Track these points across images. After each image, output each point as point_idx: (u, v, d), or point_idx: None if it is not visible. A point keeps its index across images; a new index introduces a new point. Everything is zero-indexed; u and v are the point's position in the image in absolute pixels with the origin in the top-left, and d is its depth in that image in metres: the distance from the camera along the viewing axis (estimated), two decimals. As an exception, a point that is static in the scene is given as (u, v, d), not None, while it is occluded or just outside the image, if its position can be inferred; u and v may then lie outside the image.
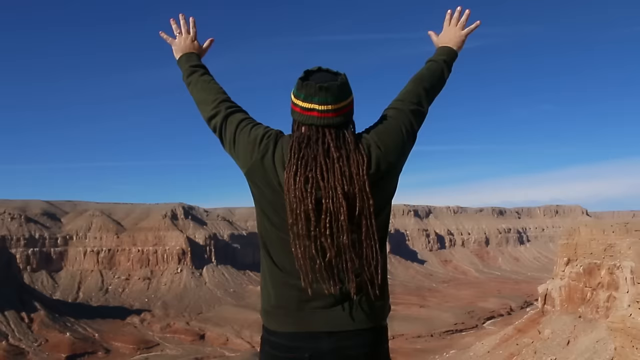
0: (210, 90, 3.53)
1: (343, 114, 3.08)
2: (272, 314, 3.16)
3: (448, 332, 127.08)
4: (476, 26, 3.89)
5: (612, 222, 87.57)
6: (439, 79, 3.61)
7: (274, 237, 3.12)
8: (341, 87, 3.05)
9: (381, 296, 3.11)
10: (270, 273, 3.16)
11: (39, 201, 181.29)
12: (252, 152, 3.14)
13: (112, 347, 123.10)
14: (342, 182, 2.95)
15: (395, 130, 3.22)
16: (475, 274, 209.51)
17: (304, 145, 3.03)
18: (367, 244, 2.99)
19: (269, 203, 3.11)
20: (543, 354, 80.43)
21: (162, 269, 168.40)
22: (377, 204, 3.02)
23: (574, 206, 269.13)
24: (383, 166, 3.09)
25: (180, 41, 3.88)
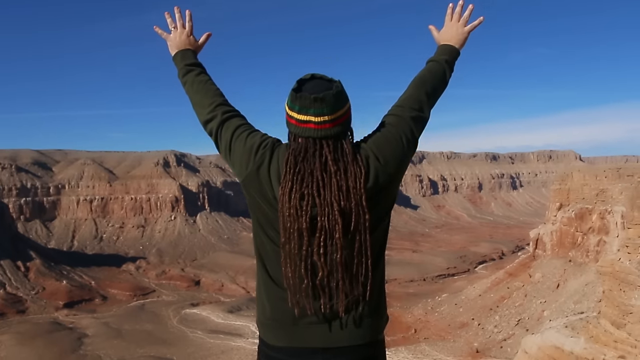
0: (207, 92, 3.44)
1: (340, 124, 2.98)
2: (268, 326, 3.14)
3: (440, 277, 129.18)
4: (479, 22, 3.67)
5: (605, 168, 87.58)
6: (441, 81, 3.46)
7: (270, 250, 3.08)
8: (337, 96, 2.93)
9: (375, 311, 3.09)
10: (266, 286, 3.14)
11: (29, 150, 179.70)
12: (248, 163, 3.08)
13: (108, 294, 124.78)
14: (338, 198, 2.88)
15: (395, 140, 3.11)
16: (468, 219, 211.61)
17: (300, 158, 2.94)
18: (358, 260, 2.93)
19: (264, 215, 3.06)
20: (533, 297, 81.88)
21: (156, 217, 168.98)
22: (374, 217, 2.96)
23: (568, 151, 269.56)
24: (382, 179, 3.01)
25: (175, 36, 3.73)
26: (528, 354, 41.90)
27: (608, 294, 38.84)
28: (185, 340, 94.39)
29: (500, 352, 73.23)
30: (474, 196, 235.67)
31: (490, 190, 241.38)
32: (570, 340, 38.42)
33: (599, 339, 36.39)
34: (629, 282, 36.47)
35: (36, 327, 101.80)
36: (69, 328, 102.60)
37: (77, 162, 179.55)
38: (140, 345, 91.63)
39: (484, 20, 3.65)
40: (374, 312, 3.07)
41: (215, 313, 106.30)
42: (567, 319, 44.72)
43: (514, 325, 78.73)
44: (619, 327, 35.32)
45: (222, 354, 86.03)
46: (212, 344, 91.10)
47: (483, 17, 3.66)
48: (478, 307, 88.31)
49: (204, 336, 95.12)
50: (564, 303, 73.47)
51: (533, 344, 42.19)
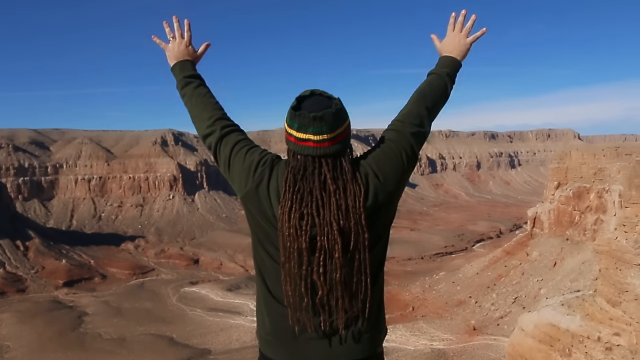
0: (206, 106, 3.42)
1: (339, 142, 2.97)
2: (268, 341, 3.17)
3: (438, 255, 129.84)
4: (482, 33, 3.63)
5: (603, 146, 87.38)
6: (442, 94, 3.44)
7: (270, 267, 3.10)
8: (336, 114, 2.92)
9: (374, 326, 3.12)
10: (266, 302, 3.15)
11: (26, 130, 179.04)
12: (247, 180, 3.08)
13: (108, 273, 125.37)
14: (337, 217, 2.88)
15: (395, 157, 3.12)
16: (466, 198, 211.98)
17: (299, 177, 2.94)
18: (357, 278, 2.96)
19: (263, 232, 3.07)
20: (530, 275, 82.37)
21: (154, 196, 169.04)
22: (373, 234, 2.99)
23: (566, 130, 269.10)
24: (381, 197, 3.02)
25: (173, 46, 3.68)
26: (524, 331, 42.23)
27: (604, 272, 39.03)
28: (184, 318, 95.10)
29: (497, 329, 73.89)
30: (472, 175, 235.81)
31: (489, 169, 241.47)
32: (566, 318, 38.70)
33: (595, 317, 36.66)
34: (625, 261, 36.62)
35: (36, 305, 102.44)
36: (68, 306, 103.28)
37: (74, 142, 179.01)
38: (140, 323, 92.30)
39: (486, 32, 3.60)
40: (373, 327, 3.11)
41: (214, 291, 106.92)
42: (563, 297, 44.98)
43: (510, 303, 79.32)
44: (614, 305, 35.57)
45: (221, 332, 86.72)
46: (211, 321, 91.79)
47: (486, 28, 3.62)
48: (475, 285, 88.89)
49: (203, 314, 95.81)
50: (560, 281, 73.94)
51: (529, 321, 42.50)
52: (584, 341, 35.65)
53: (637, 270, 35.44)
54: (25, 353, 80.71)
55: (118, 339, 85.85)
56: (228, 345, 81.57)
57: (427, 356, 70.03)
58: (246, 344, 79.15)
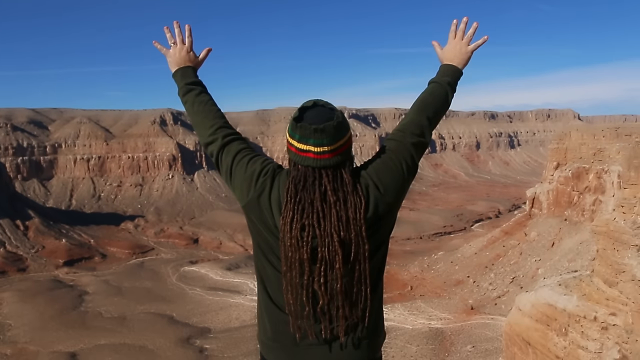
0: (207, 114, 3.46)
1: (340, 154, 2.99)
2: (270, 347, 3.22)
3: (437, 235, 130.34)
4: (483, 41, 3.68)
5: (603, 127, 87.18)
6: (443, 103, 3.49)
7: (271, 274, 3.13)
8: (337, 127, 2.94)
9: (373, 332, 3.18)
10: (267, 308, 3.20)
11: (24, 109, 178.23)
12: (249, 190, 3.11)
13: (108, 252, 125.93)
14: (338, 229, 2.92)
15: (396, 167, 3.15)
16: (465, 178, 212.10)
17: (300, 187, 2.97)
18: (357, 288, 3.01)
19: (265, 241, 3.11)
20: (528, 255, 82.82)
21: (154, 175, 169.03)
22: (373, 244, 3.04)
23: (566, 110, 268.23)
24: (381, 208, 3.05)
25: (175, 52, 3.70)
26: (522, 311, 42.55)
27: (602, 253, 39.20)
28: (184, 297, 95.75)
29: (495, 309, 74.49)
30: (472, 155, 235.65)
31: (488, 149, 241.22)
32: (563, 298, 38.97)
33: (592, 297, 36.91)
34: (623, 242, 36.77)
35: (37, 284, 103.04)
36: (69, 286, 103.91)
37: (73, 121, 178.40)
38: (140, 302, 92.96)
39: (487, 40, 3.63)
40: (372, 333, 3.18)
41: (213, 270, 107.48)
42: (561, 277, 45.26)
43: (508, 282, 79.86)
44: (611, 286, 35.80)
45: (221, 311, 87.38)
46: (211, 300, 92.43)
47: (487, 37, 3.66)
48: (473, 265, 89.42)
49: (202, 293, 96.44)
50: (558, 261, 74.36)
51: (527, 301, 42.79)
52: (580, 321, 35.96)
53: (634, 251, 35.62)
54: (27, 331, 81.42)
55: (118, 317, 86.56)
56: (228, 323, 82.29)
57: (425, 335, 70.67)
58: (245, 322, 79.81)
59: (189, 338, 77.14)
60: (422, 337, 70.27)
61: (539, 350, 37.96)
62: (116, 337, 77.86)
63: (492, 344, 63.98)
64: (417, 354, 66.48)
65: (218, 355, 71.19)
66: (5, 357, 74.25)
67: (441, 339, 69.73)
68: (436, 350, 67.01)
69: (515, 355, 40.75)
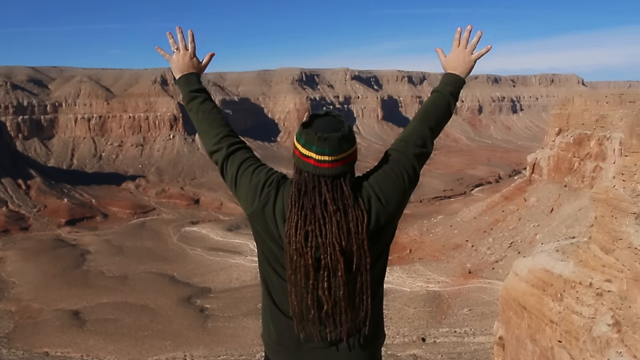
0: (212, 122, 3.51)
1: (340, 165, 3.02)
2: (274, 349, 3.34)
3: (437, 198, 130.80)
4: (487, 50, 3.72)
5: (607, 93, 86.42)
6: (445, 113, 3.54)
7: (276, 281, 3.21)
8: (341, 139, 2.98)
9: (374, 336, 3.28)
10: (272, 313, 3.29)
11: (23, 67, 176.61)
12: (253, 200, 3.16)
13: (109, 212, 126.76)
14: (339, 239, 2.97)
15: (397, 178, 3.21)
16: (466, 142, 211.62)
17: (302, 193, 3.03)
18: (359, 298, 3.10)
19: (270, 250, 3.18)
20: (527, 220, 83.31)
21: (155, 135, 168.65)
22: (375, 253, 3.11)
23: (570, 75, 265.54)
24: (383, 219, 3.11)
25: (178, 58, 3.76)
26: (518, 276, 43.01)
27: (600, 220, 39.38)
28: (185, 257, 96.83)
29: (492, 273, 75.37)
30: (474, 119, 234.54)
31: (490, 114, 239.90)
32: (560, 264, 39.34)
33: (588, 263, 37.26)
34: (621, 210, 36.91)
35: (39, 243, 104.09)
36: (71, 245, 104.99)
37: (73, 80, 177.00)
38: (142, 262, 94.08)
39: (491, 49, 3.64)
40: (373, 336, 3.27)
41: (214, 231, 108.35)
42: (558, 243, 45.59)
43: (506, 247, 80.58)
44: (607, 253, 36.08)
45: (222, 271, 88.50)
46: (212, 261, 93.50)
47: (490, 46, 3.68)
48: (472, 229, 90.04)
49: (203, 253, 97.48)
50: (556, 227, 74.84)
51: (524, 266, 43.21)
52: (575, 287, 36.40)
53: (632, 219, 35.80)
54: (30, 289, 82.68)
55: (120, 276, 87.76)
56: (228, 284, 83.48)
57: (423, 298, 71.72)
58: (246, 283, 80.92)
59: (189, 297, 78.36)
60: (419, 299, 71.33)
61: (534, 315, 38.56)
62: (118, 295, 79.10)
63: (489, 308, 65.00)
64: (414, 316, 67.61)
65: (218, 314, 72.45)
66: (10, 313, 75.60)
67: (438, 301, 70.80)
68: (433, 312, 68.14)
69: (510, 319, 41.42)
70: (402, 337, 63.13)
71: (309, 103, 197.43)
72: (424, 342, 61.55)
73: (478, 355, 55.30)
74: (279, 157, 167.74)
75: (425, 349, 59.44)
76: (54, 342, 66.04)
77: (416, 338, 62.45)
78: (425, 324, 65.58)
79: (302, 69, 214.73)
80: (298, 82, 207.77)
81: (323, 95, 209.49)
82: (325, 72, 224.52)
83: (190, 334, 66.99)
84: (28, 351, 64.65)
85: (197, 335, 66.55)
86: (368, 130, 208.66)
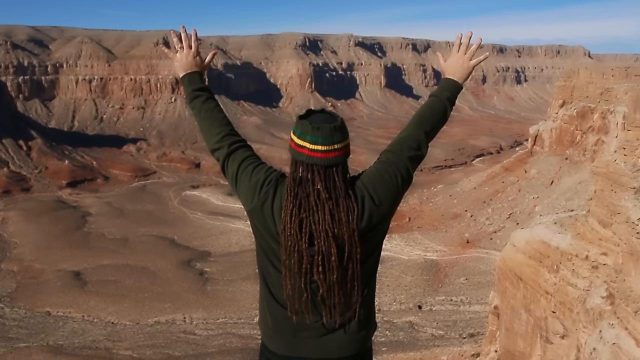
0: (214, 121, 3.66)
1: (333, 156, 3.14)
2: (270, 336, 3.48)
3: (437, 168, 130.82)
4: (485, 57, 3.89)
5: (613, 66, 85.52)
6: (441, 118, 3.67)
7: (273, 274, 3.34)
8: (334, 130, 3.11)
9: (364, 326, 3.42)
10: (269, 303, 3.42)
11: (23, 27, 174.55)
12: (253, 198, 3.28)
13: (110, 175, 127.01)
14: (332, 226, 3.11)
15: (391, 179, 3.32)
16: (469, 112, 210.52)
17: (297, 182, 3.17)
18: (351, 285, 3.22)
19: (267, 245, 3.31)
20: (527, 192, 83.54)
21: (156, 98, 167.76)
22: (366, 250, 3.24)
23: (577, 47, 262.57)
24: (375, 219, 3.23)
25: (181, 57, 3.93)
26: (516, 247, 43.34)
27: (599, 193, 39.48)
28: (185, 221, 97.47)
29: (490, 243, 75.95)
30: (477, 89, 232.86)
31: (494, 84, 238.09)
32: (557, 236, 39.60)
33: (585, 236, 37.51)
34: (621, 184, 36.97)
35: (41, 204, 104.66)
36: (72, 206, 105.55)
37: (74, 40, 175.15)
38: (142, 225, 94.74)
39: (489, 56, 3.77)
40: (363, 327, 3.41)
41: (214, 195, 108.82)
42: (557, 216, 45.81)
43: (505, 218, 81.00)
44: (605, 226, 36.29)
45: (221, 235, 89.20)
46: (212, 225, 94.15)
47: (488, 53, 3.88)
48: (472, 200, 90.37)
49: (203, 217, 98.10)
50: (555, 200, 75.08)
51: (522, 237, 43.49)
52: (572, 259, 36.72)
53: (631, 193, 35.87)
54: (32, 250, 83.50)
55: (121, 239, 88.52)
56: (227, 248, 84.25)
57: (420, 266, 72.45)
58: (245, 247, 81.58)
59: (189, 261, 79.18)
60: (417, 267, 72.07)
61: (530, 286, 39.00)
62: (119, 258, 79.94)
63: (485, 278, 65.72)
64: (411, 283, 68.42)
65: (218, 278, 73.34)
66: (12, 273, 76.55)
67: (435, 270, 71.56)
68: (430, 281, 68.93)
69: (506, 289, 41.91)
70: (398, 304, 64.02)
71: (312, 69, 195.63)
72: (420, 309, 62.46)
73: (473, 324, 56.19)
74: (281, 123, 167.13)
75: (421, 317, 60.36)
76: (56, 302, 67.07)
77: (412, 305, 63.35)
78: (422, 291, 66.43)
79: (305, 34, 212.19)
80: (301, 47, 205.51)
81: (326, 61, 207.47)
82: (328, 38, 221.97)
83: (190, 296, 67.95)
84: (30, 310, 65.72)
85: (197, 298, 67.51)
86: (371, 97, 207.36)
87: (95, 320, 63.11)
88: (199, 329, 60.25)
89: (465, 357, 46.58)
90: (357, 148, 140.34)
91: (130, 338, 58.06)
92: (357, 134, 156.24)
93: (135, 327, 61.25)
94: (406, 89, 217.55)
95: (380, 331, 56.37)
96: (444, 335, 54.90)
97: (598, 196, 39.50)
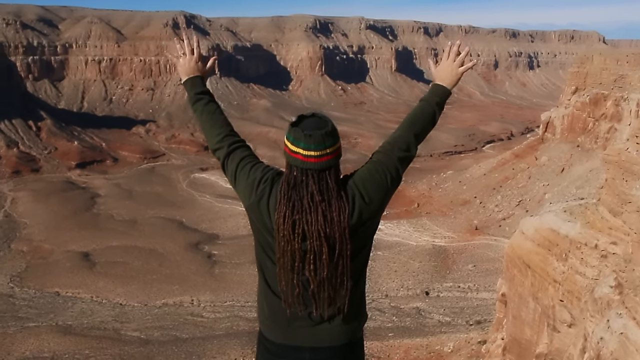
0: (215, 122, 3.92)
1: (325, 161, 3.36)
2: (267, 325, 3.74)
3: (447, 153, 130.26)
4: (473, 65, 4.18)
5: (628, 52, 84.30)
6: (430, 122, 3.93)
7: (270, 267, 3.58)
8: (325, 136, 3.34)
9: (355, 317, 3.66)
10: (266, 295, 3.68)
11: (32, 6, 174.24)
12: (250, 195, 3.54)
13: (119, 156, 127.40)
14: (324, 226, 3.35)
15: (381, 178, 3.56)
16: (480, 97, 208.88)
17: (291, 186, 3.39)
18: (341, 279, 3.46)
19: (264, 240, 3.55)
20: (537, 179, 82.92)
21: (165, 80, 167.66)
22: (357, 245, 3.47)
23: (591, 32, 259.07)
24: (365, 216, 3.47)
25: (184, 62, 4.19)
26: (525, 234, 43.05)
27: (610, 182, 39.06)
28: (193, 203, 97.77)
29: (499, 230, 75.62)
30: (489, 74, 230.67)
31: (506, 69, 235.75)
32: (567, 225, 39.26)
33: (595, 225, 37.17)
34: (633, 172, 36.50)
35: (50, 185, 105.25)
36: (81, 188, 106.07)
37: (83, 20, 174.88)
38: (151, 207, 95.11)
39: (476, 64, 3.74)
40: (354, 318, 3.67)
41: (223, 178, 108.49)
42: (567, 204, 45.40)
43: (514, 205, 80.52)
44: (615, 215, 35.92)
45: (229, 218, 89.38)
46: (220, 207, 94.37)
47: (476, 61, 4.25)
48: (481, 186, 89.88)
49: (212, 200, 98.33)
50: (566, 187, 74.48)
51: (531, 225, 43.19)
52: (581, 247, 36.42)
53: (643, 182, 35.42)
54: (41, 230, 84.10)
55: (130, 220, 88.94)
56: (236, 231, 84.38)
57: (428, 252, 72.33)
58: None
59: (197, 243, 79.48)
60: (425, 253, 71.95)
61: (538, 274, 38.77)
62: (127, 239, 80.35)
63: (493, 265, 65.50)
64: (419, 269, 68.35)
65: (225, 261, 73.59)
66: (22, 253, 77.19)
67: (443, 256, 71.41)
68: (438, 267, 68.82)
69: (514, 277, 41.70)
70: (406, 290, 64.02)
71: (322, 52, 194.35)
72: (427, 295, 62.44)
73: (480, 311, 56.10)
74: (290, 106, 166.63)
75: (429, 303, 60.33)
76: (65, 283, 67.61)
77: (420, 291, 63.34)
78: (430, 278, 66.36)
79: (316, 17, 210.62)
80: (312, 29, 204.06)
81: (337, 44, 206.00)
82: (339, 21, 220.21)
83: (198, 279, 68.28)
84: (40, 290, 66.31)
85: (204, 281, 67.83)
86: (381, 81, 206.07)
87: (103, 301, 63.58)
88: (207, 312, 60.59)
89: (471, 344, 46.57)
90: (366, 132, 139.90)
91: (138, 319, 58.49)
92: (367, 118, 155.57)
93: (143, 309, 61.68)
94: (417, 73, 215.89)
95: (387, 317, 56.45)
96: (450, 321, 54.87)
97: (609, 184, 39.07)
